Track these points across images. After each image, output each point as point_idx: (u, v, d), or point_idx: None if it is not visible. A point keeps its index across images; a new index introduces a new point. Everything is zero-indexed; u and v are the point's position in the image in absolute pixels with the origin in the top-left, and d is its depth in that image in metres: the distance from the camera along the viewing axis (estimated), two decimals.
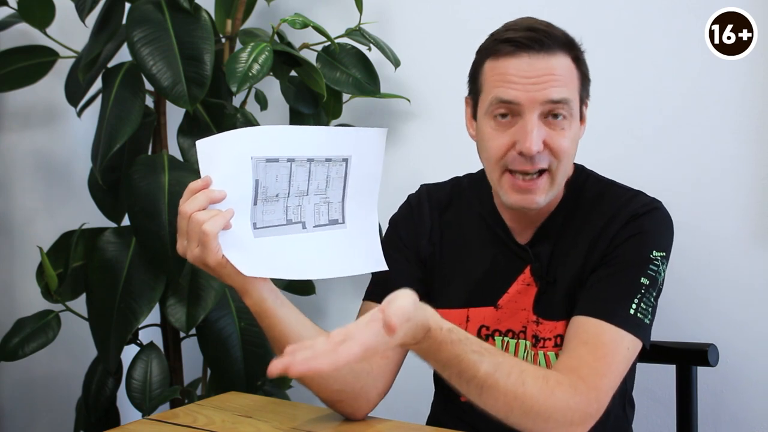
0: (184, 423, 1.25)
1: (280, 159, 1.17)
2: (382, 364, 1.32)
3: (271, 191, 1.18)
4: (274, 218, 1.19)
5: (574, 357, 1.19)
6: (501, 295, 1.33)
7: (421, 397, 1.52)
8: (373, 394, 1.29)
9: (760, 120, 1.65)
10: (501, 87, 1.24)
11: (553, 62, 1.23)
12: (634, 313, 1.21)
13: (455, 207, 1.42)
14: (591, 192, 1.34)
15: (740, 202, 1.67)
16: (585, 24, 1.79)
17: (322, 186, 1.25)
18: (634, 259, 1.25)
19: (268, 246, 1.19)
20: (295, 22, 1.71)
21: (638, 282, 1.24)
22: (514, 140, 1.24)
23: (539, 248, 1.33)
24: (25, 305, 2.07)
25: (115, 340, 1.79)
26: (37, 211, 2.26)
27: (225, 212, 1.11)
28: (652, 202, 1.32)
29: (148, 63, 1.68)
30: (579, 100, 1.28)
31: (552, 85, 1.22)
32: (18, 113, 2.24)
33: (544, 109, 1.23)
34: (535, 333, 1.30)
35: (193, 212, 1.10)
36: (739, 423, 1.68)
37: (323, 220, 1.26)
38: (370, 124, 2.06)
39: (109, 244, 1.83)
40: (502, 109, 1.24)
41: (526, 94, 1.22)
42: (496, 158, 1.26)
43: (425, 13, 2.00)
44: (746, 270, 1.67)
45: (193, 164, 1.80)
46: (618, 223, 1.28)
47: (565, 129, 1.25)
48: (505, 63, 1.24)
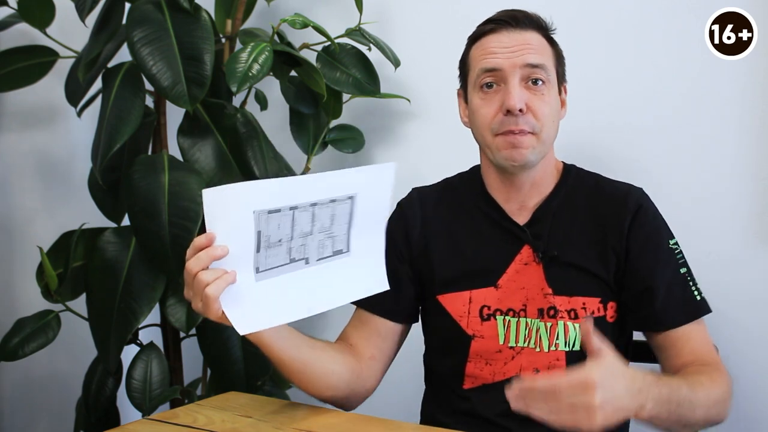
0: (184, 423, 1.25)
1: (282, 209, 1.17)
2: (371, 364, 1.42)
3: (273, 238, 1.18)
4: (277, 260, 1.20)
5: (695, 356, 1.34)
6: (500, 275, 1.39)
7: (412, 393, 1.53)
8: (361, 393, 1.42)
9: (760, 120, 1.65)
10: (484, 59, 1.38)
11: (528, 36, 1.38)
12: (700, 297, 1.38)
13: (448, 201, 1.48)
14: (583, 179, 1.45)
15: (740, 202, 1.67)
16: (585, 24, 1.80)
17: (326, 224, 1.24)
18: (664, 259, 1.37)
19: (270, 289, 1.20)
20: (295, 22, 1.71)
21: (681, 274, 1.38)
22: (500, 104, 1.35)
23: (537, 228, 1.40)
24: (25, 305, 2.07)
25: (115, 340, 1.79)
26: (36, 211, 2.26)
27: (228, 275, 1.16)
28: (641, 194, 1.42)
29: (148, 63, 1.68)
30: (556, 75, 1.40)
31: (529, 52, 1.36)
32: (18, 113, 2.24)
33: (524, 73, 1.35)
34: (552, 305, 1.36)
35: (197, 271, 1.15)
36: (739, 423, 1.68)
37: (327, 253, 1.26)
38: (370, 124, 2.06)
39: (109, 244, 1.83)
40: (488, 77, 1.37)
41: (506, 60, 1.36)
42: (486, 124, 1.37)
43: (425, 13, 2.00)
44: (746, 270, 1.67)
45: (193, 164, 1.80)
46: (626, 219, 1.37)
47: (545, 95, 1.37)
48: (487, 39, 1.39)
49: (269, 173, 1.76)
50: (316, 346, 1.35)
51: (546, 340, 1.35)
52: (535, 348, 1.36)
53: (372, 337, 1.43)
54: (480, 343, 1.38)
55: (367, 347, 1.43)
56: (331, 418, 1.28)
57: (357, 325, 1.45)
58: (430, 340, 1.48)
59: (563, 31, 1.81)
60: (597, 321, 1.34)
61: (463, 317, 1.39)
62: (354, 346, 1.43)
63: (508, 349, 1.37)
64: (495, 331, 1.37)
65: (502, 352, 1.37)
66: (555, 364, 1.35)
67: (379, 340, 1.44)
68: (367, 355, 1.42)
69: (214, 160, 1.81)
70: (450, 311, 1.40)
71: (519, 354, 1.36)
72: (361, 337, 1.44)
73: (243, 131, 1.78)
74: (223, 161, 1.80)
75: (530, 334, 1.36)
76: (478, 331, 1.38)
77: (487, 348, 1.38)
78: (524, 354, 1.36)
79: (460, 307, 1.40)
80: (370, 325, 1.44)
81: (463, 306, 1.39)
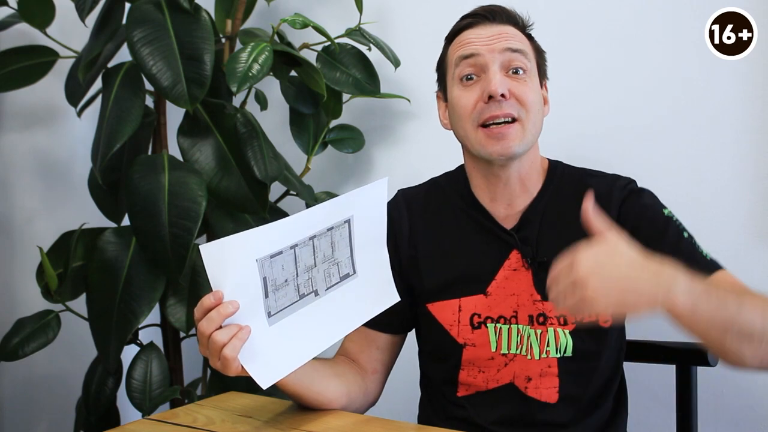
0: (184, 423, 1.25)
1: (284, 250, 1.16)
2: (374, 378, 1.43)
3: (279, 280, 1.16)
4: (287, 300, 1.18)
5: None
6: (489, 282, 1.36)
7: (412, 393, 1.53)
8: (366, 405, 1.42)
9: (760, 120, 1.65)
10: (462, 48, 1.35)
11: (506, 29, 1.35)
12: (710, 258, 1.30)
13: (434, 205, 1.44)
14: (569, 176, 1.40)
15: (740, 202, 1.67)
16: (585, 24, 1.80)
17: (328, 253, 1.23)
18: (663, 228, 1.31)
19: (286, 330, 1.18)
20: (295, 22, 1.71)
21: (685, 239, 1.31)
22: (481, 92, 1.31)
23: (525, 232, 1.36)
24: (25, 305, 2.07)
25: (115, 340, 1.79)
26: (36, 211, 2.26)
27: (242, 332, 1.13)
28: (629, 181, 1.38)
29: (148, 63, 1.68)
30: (537, 68, 1.37)
31: (508, 39, 1.33)
32: (18, 113, 2.24)
33: (504, 59, 1.32)
34: (542, 311, 1.33)
35: (211, 333, 1.13)
36: (739, 423, 1.68)
37: (335, 279, 1.25)
38: (370, 124, 2.06)
39: (109, 244, 1.83)
40: (467, 67, 1.33)
41: (485, 47, 1.32)
42: (467, 113, 1.33)
43: (425, 13, 2.00)
44: (746, 270, 1.67)
45: (193, 164, 1.80)
46: (613, 210, 1.32)
47: (527, 81, 1.33)
48: (464, 33, 1.36)
49: (269, 173, 1.76)
50: (326, 374, 1.33)
51: (537, 347, 1.33)
52: (527, 355, 1.33)
53: (372, 351, 1.43)
54: (472, 352, 1.36)
55: (369, 362, 1.43)
56: (332, 418, 1.28)
57: (356, 340, 1.44)
58: (423, 345, 1.46)
59: (562, 30, 1.81)
60: (588, 326, 1.31)
61: (454, 326, 1.37)
62: (356, 362, 1.43)
63: (501, 356, 1.34)
64: (487, 338, 1.35)
65: (495, 360, 1.35)
66: (547, 371, 1.33)
67: (379, 353, 1.43)
68: (370, 370, 1.43)
69: (214, 160, 1.81)
70: (440, 320, 1.38)
71: (512, 361, 1.34)
72: (362, 352, 1.43)
73: (243, 131, 1.78)
74: (223, 161, 1.80)
75: (522, 340, 1.34)
76: (469, 340, 1.36)
77: (480, 356, 1.35)
78: (517, 361, 1.34)
79: (450, 315, 1.37)
80: (369, 340, 1.43)
81: (452, 314, 1.37)
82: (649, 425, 1.72)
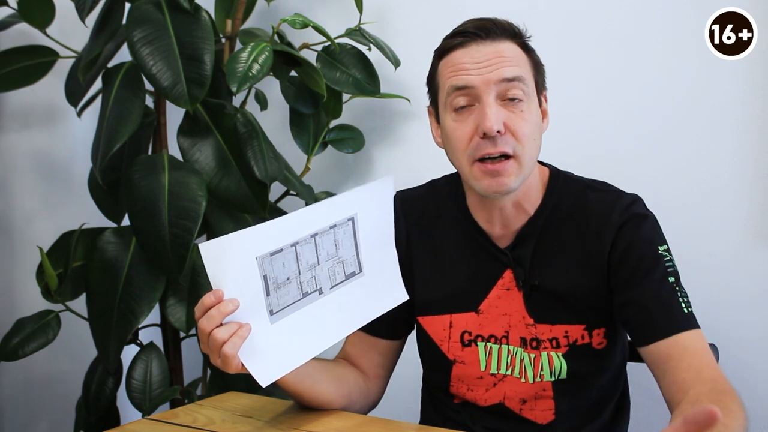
0: (184, 423, 1.25)
1: (284, 248, 1.16)
2: (376, 382, 1.43)
3: (281, 278, 1.16)
4: (290, 298, 1.18)
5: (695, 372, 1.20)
6: (481, 300, 1.34)
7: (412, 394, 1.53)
8: (368, 408, 1.42)
9: (760, 120, 1.65)
10: (454, 76, 1.26)
11: (501, 47, 1.26)
12: (687, 311, 1.24)
13: (431, 212, 1.42)
14: (569, 195, 1.34)
15: (740, 202, 1.67)
16: (585, 24, 1.80)
17: (332, 251, 1.22)
18: (650, 266, 1.25)
19: (288, 328, 1.18)
20: (295, 22, 1.71)
21: (669, 283, 1.25)
22: (475, 126, 1.25)
23: (519, 252, 1.32)
24: (25, 305, 2.07)
25: (115, 340, 1.79)
26: (36, 211, 2.26)
27: (242, 329, 1.13)
28: (632, 202, 1.31)
29: (148, 63, 1.68)
30: (535, 85, 1.29)
31: (503, 65, 1.25)
32: (18, 113, 2.24)
33: (500, 89, 1.24)
34: (535, 336, 1.31)
35: (211, 330, 1.13)
36: None
37: (340, 278, 1.24)
38: (370, 124, 2.06)
39: (109, 244, 1.83)
40: (460, 98, 1.26)
41: (479, 77, 1.24)
42: (462, 148, 1.27)
43: (425, 13, 1.99)
44: (746, 270, 1.67)
45: (193, 164, 1.80)
46: (610, 235, 1.28)
47: (524, 111, 1.25)
48: (456, 54, 1.27)
49: (269, 173, 1.76)
50: (328, 374, 1.33)
51: (531, 371, 1.31)
52: (520, 378, 1.31)
53: (373, 356, 1.43)
54: (461, 369, 1.35)
55: (370, 366, 1.42)
56: (333, 419, 1.28)
57: (357, 345, 1.43)
58: (420, 351, 1.45)
59: (562, 30, 1.81)
60: (582, 348, 1.30)
61: (444, 341, 1.36)
62: (358, 366, 1.42)
63: (490, 376, 1.33)
64: (476, 357, 1.33)
65: (483, 379, 1.33)
66: (542, 394, 1.31)
67: (381, 358, 1.43)
68: (372, 374, 1.42)
69: (214, 160, 1.81)
70: (430, 334, 1.37)
71: (501, 381, 1.33)
72: (363, 357, 1.43)
73: (243, 131, 1.78)
74: (223, 161, 1.80)
75: (513, 362, 1.32)
76: (459, 357, 1.35)
77: (468, 374, 1.34)
78: (507, 382, 1.32)
79: (441, 331, 1.36)
80: (369, 345, 1.42)
81: (443, 330, 1.36)
82: (649, 425, 1.72)
